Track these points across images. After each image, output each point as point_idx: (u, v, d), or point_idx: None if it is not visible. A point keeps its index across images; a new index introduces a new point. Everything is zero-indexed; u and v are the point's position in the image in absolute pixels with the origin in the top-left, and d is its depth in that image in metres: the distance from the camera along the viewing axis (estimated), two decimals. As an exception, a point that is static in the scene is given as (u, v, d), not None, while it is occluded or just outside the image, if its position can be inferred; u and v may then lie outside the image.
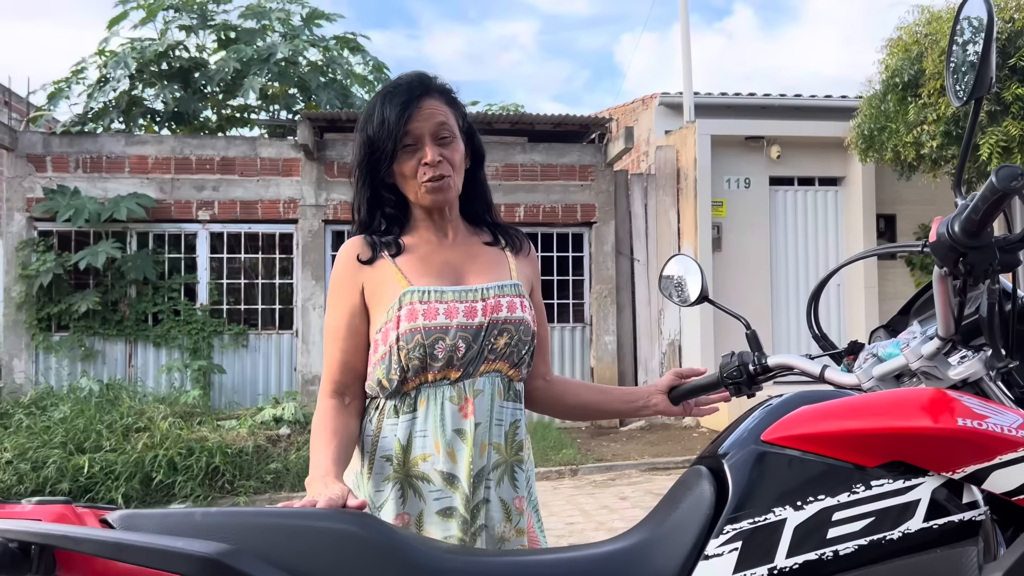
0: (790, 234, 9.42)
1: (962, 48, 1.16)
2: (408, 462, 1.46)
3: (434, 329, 1.45)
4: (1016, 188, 1.00)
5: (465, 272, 1.55)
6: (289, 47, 10.37)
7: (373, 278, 1.52)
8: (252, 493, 6.24)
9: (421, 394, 1.48)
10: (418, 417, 1.47)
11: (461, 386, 1.48)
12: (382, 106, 1.50)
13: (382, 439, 1.48)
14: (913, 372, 1.24)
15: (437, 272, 1.53)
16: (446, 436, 1.45)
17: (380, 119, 1.50)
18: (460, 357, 1.47)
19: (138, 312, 8.62)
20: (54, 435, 6.33)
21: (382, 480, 1.47)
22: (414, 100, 1.50)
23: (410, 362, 1.45)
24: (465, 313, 1.48)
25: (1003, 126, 6.03)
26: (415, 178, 1.51)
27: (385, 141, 1.49)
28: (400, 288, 1.49)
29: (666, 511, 1.17)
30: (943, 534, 1.05)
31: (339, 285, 1.54)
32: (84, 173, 8.67)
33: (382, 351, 1.48)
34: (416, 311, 1.46)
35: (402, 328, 1.45)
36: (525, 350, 1.54)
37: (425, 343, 1.45)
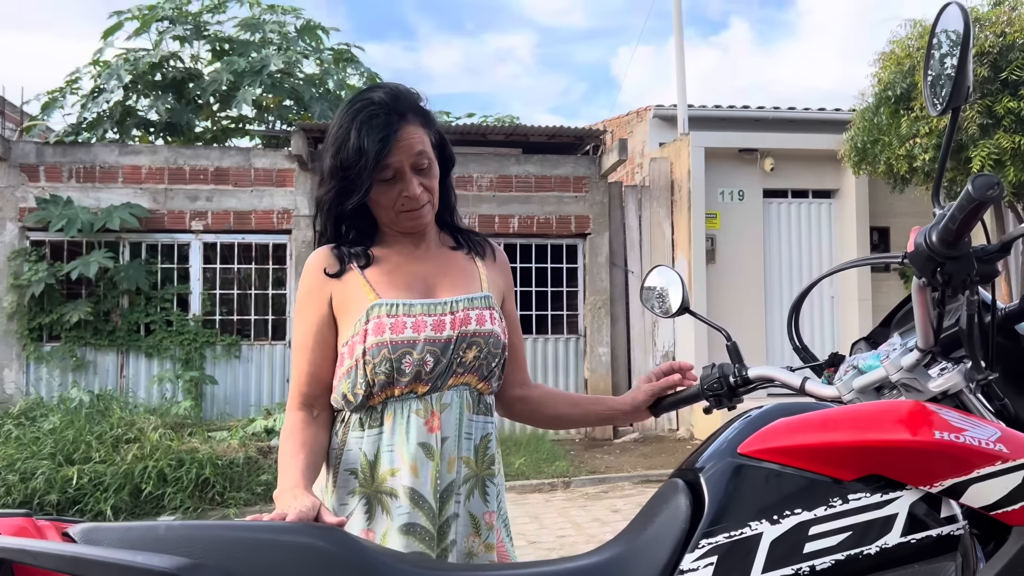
0: (784, 246, 9.42)
1: (939, 60, 1.16)
2: (376, 477, 1.43)
3: (401, 343, 1.43)
4: (992, 197, 0.99)
5: (435, 285, 1.53)
6: (283, 58, 10.38)
7: (341, 290, 1.49)
8: (242, 505, 6.19)
9: (388, 408, 1.45)
10: (384, 431, 1.44)
11: (428, 400, 1.45)
12: (358, 134, 1.43)
13: (347, 452, 1.46)
14: (893, 384, 1.23)
15: (406, 285, 1.50)
16: (411, 450, 1.42)
17: (356, 148, 1.42)
18: (428, 371, 1.44)
19: (130, 322, 8.59)
20: (43, 446, 6.28)
21: (346, 494, 1.44)
22: (393, 133, 1.43)
23: (376, 376, 1.42)
24: (433, 327, 1.45)
25: (995, 139, 6.06)
26: (392, 208, 1.49)
27: (362, 174, 1.43)
28: (368, 301, 1.46)
29: (642, 525, 1.16)
30: (921, 549, 1.04)
31: (306, 296, 1.51)
32: (77, 183, 8.65)
33: (348, 364, 1.45)
34: (383, 325, 1.43)
35: (369, 342, 1.43)
36: (495, 363, 1.52)
37: (392, 357, 1.42)
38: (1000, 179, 0.99)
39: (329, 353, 1.49)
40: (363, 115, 1.44)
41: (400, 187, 1.47)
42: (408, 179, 1.46)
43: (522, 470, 7.17)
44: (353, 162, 1.43)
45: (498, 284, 1.61)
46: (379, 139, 1.42)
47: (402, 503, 1.41)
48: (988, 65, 6.08)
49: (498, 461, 1.55)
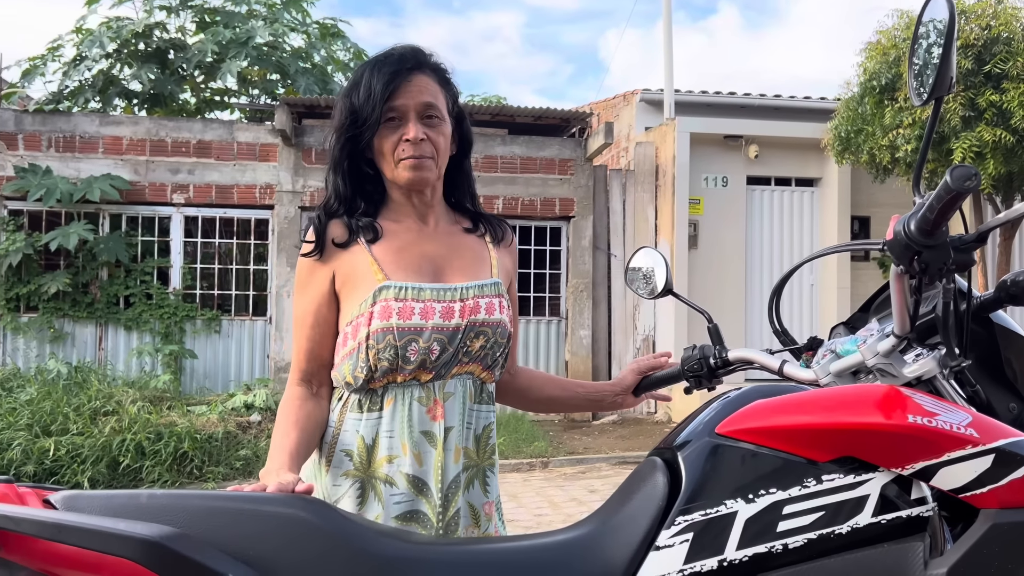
0: (766, 233, 9.48)
1: (925, 50, 1.17)
2: (373, 462, 1.41)
3: (408, 330, 1.38)
4: (969, 188, 1.00)
5: (445, 268, 1.48)
6: (269, 31, 10.25)
7: (346, 265, 1.44)
8: (221, 479, 6.20)
9: (389, 393, 1.42)
10: (384, 416, 1.41)
11: (431, 387, 1.42)
12: (370, 74, 1.42)
13: (343, 432, 1.43)
14: (869, 369, 1.25)
15: (415, 266, 1.45)
16: (413, 438, 1.40)
17: (366, 88, 1.42)
18: (433, 360, 1.41)
19: (109, 295, 8.52)
20: (20, 417, 6.25)
21: (340, 475, 1.42)
22: (403, 73, 1.42)
23: (379, 362, 1.39)
24: (442, 314, 1.41)
25: (976, 131, 6.11)
26: (392, 155, 1.44)
27: (368, 112, 1.41)
28: (376, 282, 1.41)
29: (619, 502, 1.18)
30: (891, 529, 1.06)
31: (309, 270, 1.46)
32: (57, 152, 8.54)
33: (351, 346, 1.41)
34: (390, 309, 1.39)
35: (374, 326, 1.38)
36: (500, 352, 1.49)
37: (397, 344, 1.38)
38: (977, 171, 1.01)
39: (329, 330, 1.46)
40: (379, 61, 1.45)
41: (402, 131, 1.43)
42: (410, 122, 1.43)
43: (501, 449, 7.22)
44: (363, 103, 1.41)
45: (507, 268, 1.58)
46: (388, 75, 1.41)
47: (401, 490, 1.39)
48: (972, 58, 6.12)
49: (496, 451, 1.55)
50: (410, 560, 1.08)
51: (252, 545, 1.02)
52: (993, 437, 1.06)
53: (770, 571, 1.06)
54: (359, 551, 1.05)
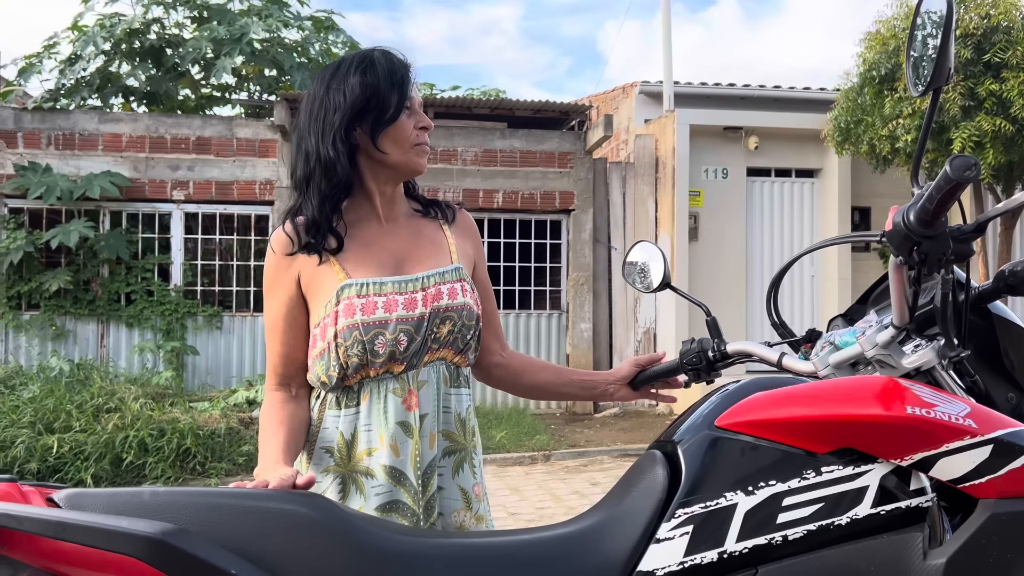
0: (766, 225, 9.48)
1: (922, 40, 1.17)
2: (352, 457, 1.43)
3: (373, 324, 1.41)
4: (969, 178, 1.00)
5: (406, 260, 1.50)
6: (263, 27, 10.23)
7: (309, 269, 1.45)
8: (223, 475, 6.21)
9: (364, 388, 1.44)
10: (362, 411, 1.43)
11: (405, 378, 1.44)
12: (387, 61, 1.45)
13: (323, 430, 1.45)
14: (868, 360, 1.25)
15: (377, 262, 1.47)
16: (390, 429, 1.42)
17: (388, 72, 1.43)
18: (402, 351, 1.43)
19: (110, 292, 8.52)
20: (23, 415, 6.25)
21: (320, 471, 1.44)
22: (410, 68, 1.48)
23: (349, 359, 1.41)
24: (405, 305, 1.43)
25: (976, 121, 6.10)
26: (407, 141, 1.47)
27: (395, 94, 1.43)
28: (337, 282, 1.43)
29: (620, 495, 1.18)
30: (890, 520, 1.07)
31: (274, 276, 1.48)
32: (56, 150, 8.54)
33: (320, 347, 1.43)
34: (354, 306, 1.41)
35: (340, 324, 1.41)
36: (470, 335, 1.51)
37: (364, 339, 1.40)
38: (977, 160, 1.01)
39: (301, 333, 1.47)
40: (384, 51, 1.47)
41: (415, 119, 1.47)
42: (421, 112, 1.49)
43: (503, 443, 7.23)
44: (387, 85, 1.43)
45: (467, 252, 1.59)
46: (405, 68, 1.46)
47: (380, 481, 1.41)
48: (972, 47, 6.11)
49: (477, 432, 1.56)
50: (412, 555, 1.09)
51: (255, 541, 1.03)
52: (992, 427, 1.06)
53: (770, 563, 1.07)
54: (362, 546, 1.06)
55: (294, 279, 1.46)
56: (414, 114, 1.47)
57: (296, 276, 1.46)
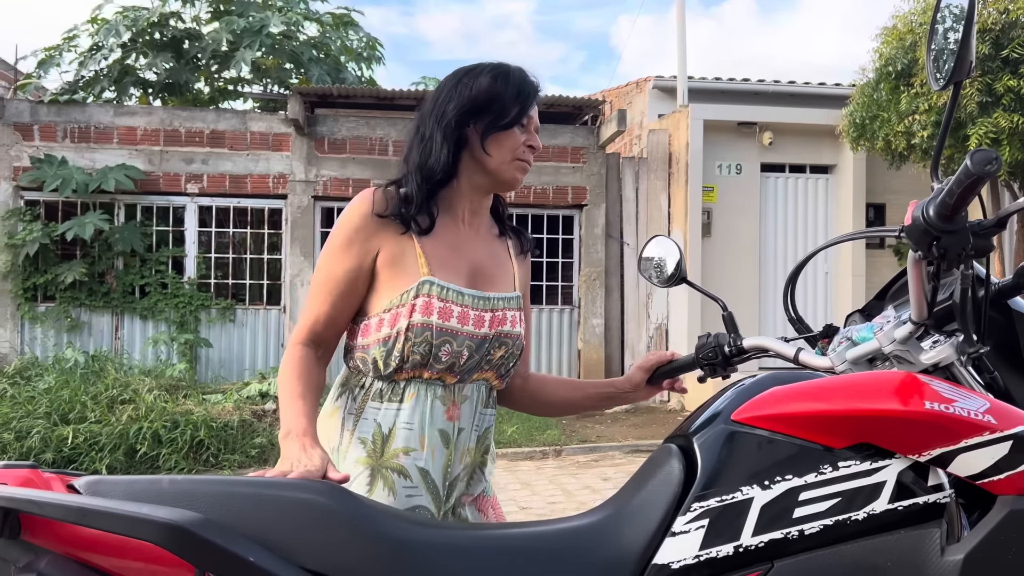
0: (780, 221, 9.43)
1: (943, 34, 1.16)
2: (385, 452, 1.42)
3: (445, 331, 1.41)
4: (990, 172, 1.00)
5: (481, 276, 1.51)
6: (282, 20, 10.26)
7: (393, 246, 1.44)
8: (236, 467, 6.25)
9: (411, 386, 1.44)
10: (404, 409, 1.43)
11: (452, 389, 1.46)
12: (520, 74, 1.49)
13: (362, 420, 1.45)
14: (886, 356, 1.25)
15: (456, 268, 1.47)
16: (432, 434, 1.43)
17: (517, 84, 1.48)
18: (461, 364, 1.44)
19: (125, 284, 8.58)
20: (38, 405, 6.31)
21: (354, 461, 1.44)
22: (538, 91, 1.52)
23: (412, 356, 1.41)
24: (475, 321, 1.45)
25: (993, 117, 6.04)
26: (512, 152, 1.49)
27: (516, 104, 1.47)
28: (419, 274, 1.43)
29: (635, 488, 1.18)
30: (908, 515, 1.06)
31: (352, 236, 1.43)
32: (72, 143, 8.59)
33: (386, 333, 1.42)
34: (432, 306, 1.41)
35: (415, 319, 1.40)
36: (513, 363, 1.55)
37: (433, 342, 1.41)
38: (998, 155, 1.00)
39: (354, 302, 1.46)
40: (518, 68, 1.51)
41: (527, 137, 1.50)
42: (535, 132, 1.52)
43: (514, 438, 7.24)
44: (511, 95, 1.47)
45: (524, 282, 1.63)
46: (534, 88, 1.50)
47: (413, 483, 1.41)
48: (990, 42, 6.04)
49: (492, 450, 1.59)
50: (428, 544, 1.09)
51: (273, 530, 1.03)
52: (1011, 423, 1.06)
53: (786, 557, 1.07)
54: (378, 536, 1.07)
55: (373, 249, 1.44)
56: (527, 132, 1.50)
57: (376, 247, 1.44)
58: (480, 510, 1.55)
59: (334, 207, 8.97)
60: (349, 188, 8.88)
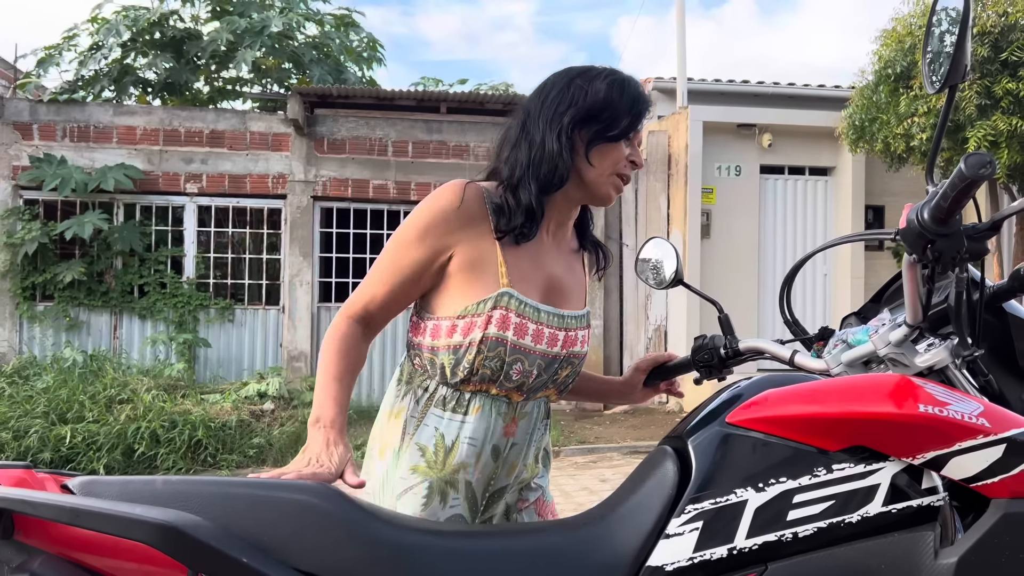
0: (779, 223, 9.43)
1: (939, 37, 1.16)
2: (446, 464, 1.38)
3: (518, 349, 1.36)
4: (984, 175, 1.00)
5: (556, 291, 1.45)
6: (283, 20, 10.26)
7: (472, 248, 1.37)
8: (235, 467, 6.25)
9: (476, 400, 1.39)
10: (468, 422, 1.39)
11: (515, 406, 1.43)
12: (635, 88, 1.43)
13: (423, 426, 1.40)
14: (881, 359, 1.25)
15: (535, 282, 1.41)
16: (487, 451, 1.41)
17: (631, 97, 1.41)
18: (529, 383, 1.40)
19: (124, 284, 8.57)
20: (36, 405, 6.31)
21: (409, 468, 1.39)
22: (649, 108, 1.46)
23: (482, 369, 1.36)
24: (548, 340, 1.40)
25: (992, 120, 6.05)
26: (614, 167, 1.42)
27: (628, 116, 1.40)
28: (499, 284, 1.36)
29: (630, 490, 1.18)
30: (901, 518, 1.06)
31: (433, 226, 1.36)
32: (71, 142, 8.59)
33: (457, 340, 1.36)
34: (509, 321, 1.35)
35: (489, 331, 1.34)
36: (573, 380, 1.51)
37: (505, 359, 1.35)
38: (993, 158, 1.00)
39: (414, 294, 1.40)
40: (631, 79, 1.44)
41: (631, 153, 1.44)
42: (638, 151, 1.46)
43: (512, 439, 7.23)
44: (624, 106, 1.40)
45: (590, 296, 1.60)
46: (646, 107, 1.43)
47: (459, 496, 1.39)
48: (989, 45, 6.05)
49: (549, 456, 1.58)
50: (424, 548, 1.09)
51: (267, 531, 1.03)
52: (1005, 427, 1.06)
53: (780, 560, 1.07)
54: (373, 538, 1.06)
55: (450, 247, 1.36)
56: (632, 147, 1.44)
57: (453, 245, 1.36)
58: (539, 515, 1.54)
59: (333, 207, 8.97)
60: (348, 188, 8.88)
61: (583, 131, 1.40)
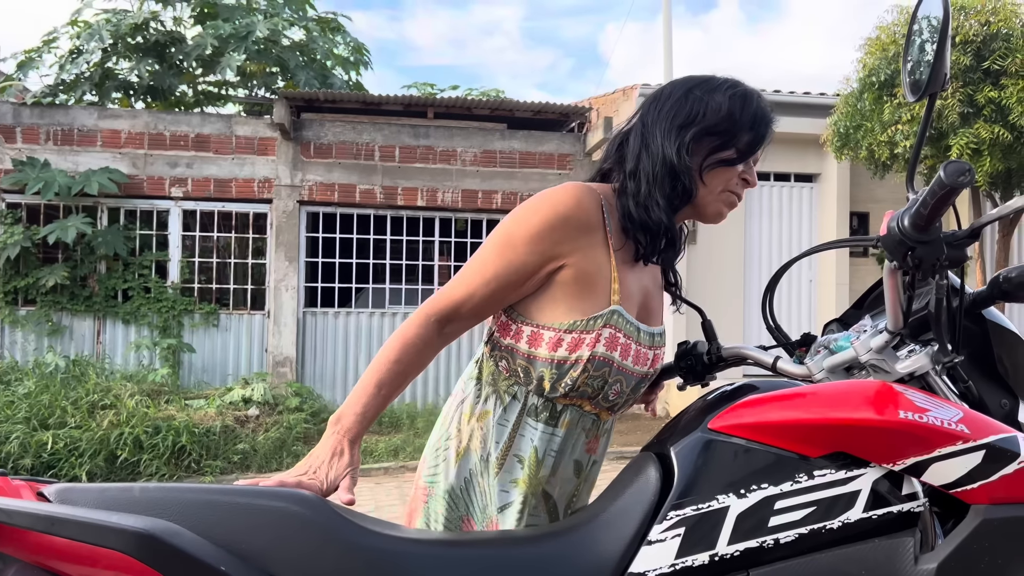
0: (764, 229, 9.48)
1: (919, 46, 1.17)
2: (536, 476, 1.34)
3: (621, 370, 1.32)
4: (963, 183, 1.01)
5: (647, 308, 1.40)
6: (268, 25, 10.23)
7: (587, 260, 1.28)
8: (219, 473, 6.20)
9: (568, 413, 1.34)
10: (558, 435, 1.34)
11: (599, 423, 1.39)
12: (759, 104, 1.35)
13: (519, 438, 1.34)
14: (862, 365, 1.25)
15: (635, 299, 1.36)
16: (570, 465, 1.38)
17: (756, 114, 1.33)
18: (621, 402, 1.38)
19: (107, 288, 8.51)
20: (18, 410, 6.24)
21: (509, 481, 1.34)
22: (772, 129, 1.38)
23: (583, 387, 1.30)
24: (642, 360, 1.35)
25: (974, 128, 6.10)
26: (725, 186, 1.36)
27: (750, 135, 1.33)
28: (610, 300, 1.29)
29: (612, 496, 1.18)
30: (882, 524, 1.07)
31: (543, 233, 1.27)
32: (55, 145, 8.52)
33: (562, 355, 1.28)
34: (616, 341, 1.29)
35: (598, 351, 1.27)
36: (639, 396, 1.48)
37: (608, 380, 1.31)
38: (971, 166, 1.01)
39: (513, 297, 1.30)
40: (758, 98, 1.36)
41: (746, 171, 1.37)
42: (753, 169, 1.39)
43: (499, 444, 7.22)
44: (747, 124, 1.32)
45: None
46: (769, 124, 1.36)
47: (538, 507, 1.36)
48: (971, 54, 6.11)
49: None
50: (404, 555, 1.09)
51: (245, 539, 1.02)
52: (984, 433, 1.06)
53: (762, 566, 1.07)
54: (352, 545, 1.06)
55: (562, 255, 1.27)
56: (747, 164, 1.37)
57: (567, 254, 1.28)
58: None
59: (320, 212, 8.94)
60: (335, 193, 8.85)
61: (698, 147, 1.32)
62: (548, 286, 1.30)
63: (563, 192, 1.29)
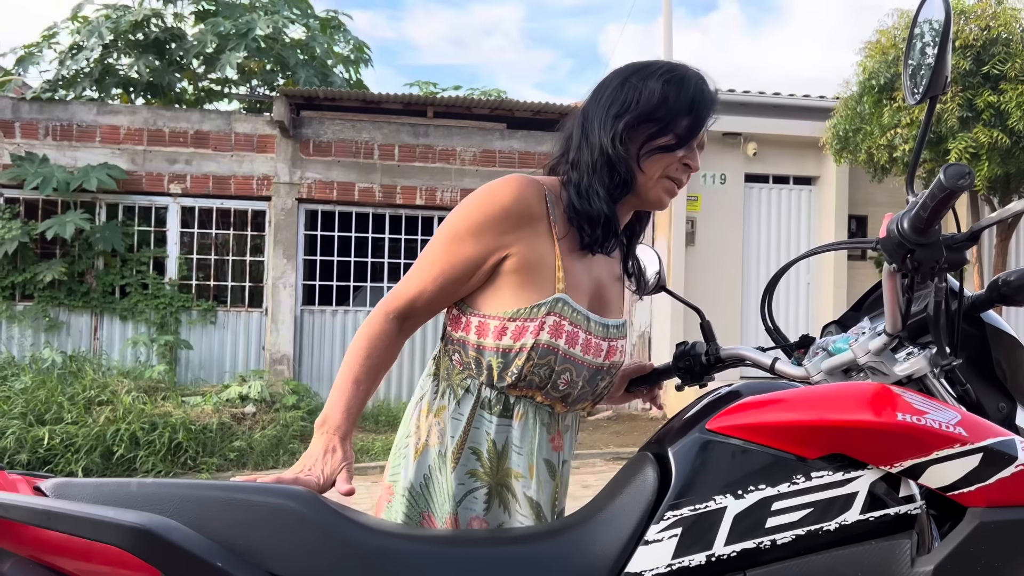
0: (763, 231, 9.49)
1: (920, 49, 1.17)
2: (499, 470, 1.33)
3: (568, 358, 1.31)
4: (963, 186, 1.01)
5: (600, 299, 1.39)
6: (269, 23, 10.22)
7: (530, 249, 1.30)
8: (215, 470, 6.20)
9: (520, 405, 1.34)
10: (514, 429, 1.33)
11: (558, 418, 1.38)
12: (698, 90, 1.32)
13: (474, 430, 1.34)
14: (860, 367, 1.26)
15: (585, 288, 1.35)
16: (538, 463, 1.34)
17: (693, 96, 1.31)
18: (575, 394, 1.35)
19: (105, 284, 8.50)
20: (14, 406, 6.24)
21: (466, 473, 1.33)
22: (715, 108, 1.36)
23: (531, 376, 1.30)
24: (595, 351, 1.34)
25: (973, 132, 6.12)
26: (663, 171, 1.34)
27: (688, 120, 1.31)
28: (554, 288, 1.30)
29: (609, 496, 1.18)
30: (879, 526, 1.07)
31: (486, 225, 1.28)
32: (54, 141, 8.51)
33: (507, 343, 1.29)
34: (562, 329, 1.29)
35: (542, 338, 1.28)
36: (607, 393, 1.47)
37: (555, 368, 1.30)
38: (971, 169, 1.01)
39: (463, 291, 1.32)
40: (697, 81, 1.34)
41: (686, 155, 1.35)
42: (695, 153, 1.36)
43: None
44: (684, 108, 1.31)
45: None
46: (711, 108, 1.34)
47: (524, 512, 1.34)
48: (971, 58, 6.12)
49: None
50: (397, 552, 1.09)
51: (241, 534, 1.02)
52: (982, 436, 1.06)
53: (758, 567, 1.07)
54: (347, 542, 1.06)
55: (507, 246, 1.29)
56: (688, 148, 1.35)
57: (510, 245, 1.29)
58: None
59: (318, 210, 8.94)
60: (333, 191, 8.85)
61: (635, 134, 1.32)
62: (494, 277, 1.31)
63: (504, 184, 1.31)
